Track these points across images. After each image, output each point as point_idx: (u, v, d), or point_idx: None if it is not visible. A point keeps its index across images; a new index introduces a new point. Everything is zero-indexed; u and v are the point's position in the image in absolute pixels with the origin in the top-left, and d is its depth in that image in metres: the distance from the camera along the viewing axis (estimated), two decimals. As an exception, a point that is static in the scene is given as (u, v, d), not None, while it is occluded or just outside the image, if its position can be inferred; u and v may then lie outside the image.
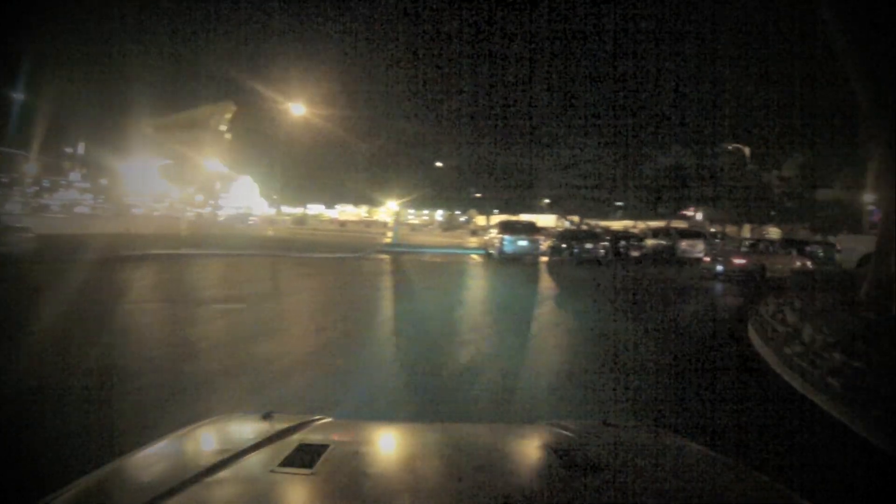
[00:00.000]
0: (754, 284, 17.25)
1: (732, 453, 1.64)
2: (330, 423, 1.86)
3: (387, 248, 31.03)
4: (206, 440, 1.75)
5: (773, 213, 42.39)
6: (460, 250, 33.32)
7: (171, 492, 1.18)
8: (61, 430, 4.46)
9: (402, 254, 29.15)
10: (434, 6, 50.25)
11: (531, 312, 11.51)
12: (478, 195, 54.78)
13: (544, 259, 27.24)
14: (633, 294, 15.61)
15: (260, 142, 51.14)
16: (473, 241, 39.19)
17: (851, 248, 17.43)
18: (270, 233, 42.04)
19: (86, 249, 19.71)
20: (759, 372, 7.34)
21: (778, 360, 7.58)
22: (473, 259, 28.00)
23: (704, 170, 45.00)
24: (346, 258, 24.85)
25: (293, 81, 41.15)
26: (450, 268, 23.30)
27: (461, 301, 13.01)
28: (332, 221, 69.38)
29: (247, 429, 1.82)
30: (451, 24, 48.89)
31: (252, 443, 1.51)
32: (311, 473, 1.29)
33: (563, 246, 27.57)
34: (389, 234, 38.77)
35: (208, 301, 11.73)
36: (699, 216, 49.00)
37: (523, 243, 24.89)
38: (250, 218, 58.74)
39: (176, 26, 49.13)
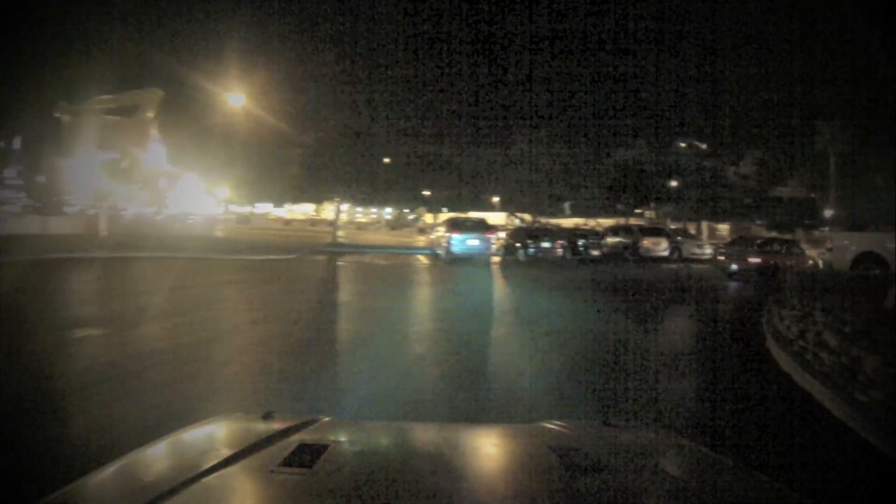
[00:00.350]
0: (768, 284, 16.48)
1: None
2: (330, 423, 1.81)
3: (326, 249, 28.90)
4: (206, 440, 1.72)
5: (732, 209, 41.33)
6: (406, 250, 31.31)
7: (171, 492, 1.15)
8: None
9: (341, 254, 27.16)
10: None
11: (490, 339, 8.63)
12: (426, 192, 52.36)
13: (497, 259, 24.99)
14: (619, 304, 13.09)
15: (195, 135, 47.55)
16: (421, 241, 37.04)
17: (845, 246, 15.54)
18: (208, 233, 38.94)
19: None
20: (865, 452, 4.74)
21: (853, 414, 5.17)
22: (419, 260, 25.57)
23: (663, 165, 43.54)
24: (278, 260, 22.41)
25: (229, 70, 38.04)
26: (390, 271, 20.81)
27: (396, 322, 9.88)
28: (278, 220, 67.44)
29: (247, 429, 1.77)
30: (396, 14, 46.17)
31: (252, 443, 1.47)
32: (311, 473, 1.27)
33: (518, 245, 25.36)
34: (339, 233, 37.31)
35: (66, 324, 8.67)
36: (648, 213, 47.67)
37: (473, 243, 22.47)
38: (190, 217, 54.81)
39: (109, 11, 44.95)
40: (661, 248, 27.48)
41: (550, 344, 8.32)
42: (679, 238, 29.72)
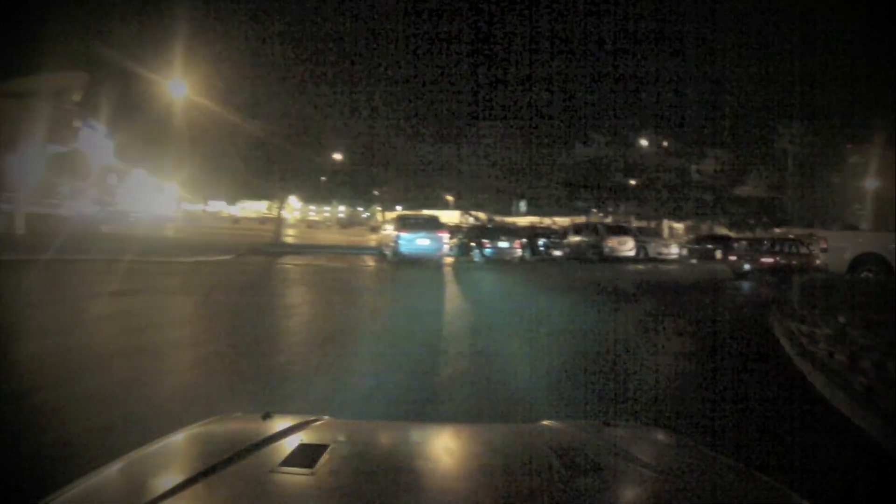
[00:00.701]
0: (781, 285, 15.67)
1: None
2: (330, 423, 1.80)
3: (267, 249, 26.96)
4: (206, 440, 1.68)
5: (694, 208, 40.58)
6: (353, 250, 29.26)
7: (171, 492, 1.14)
8: None
9: (281, 255, 24.93)
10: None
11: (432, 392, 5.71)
12: (379, 190, 50.46)
13: (450, 260, 22.92)
14: (616, 318, 10.65)
15: (141, 127, 44.18)
16: (373, 239, 35.01)
17: (841, 247, 14.08)
18: (148, 232, 36.28)
19: None
20: None
21: None
22: (364, 262, 23.31)
23: (623, 162, 42.32)
24: (209, 262, 20.02)
25: (174, 57, 35.07)
26: (327, 275, 18.54)
27: (306, 353, 7.14)
28: (229, 218, 64.91)
29: (247, 429, 1.74)
30: (349, 3, 43.78)
31: (252, 443, 1.46)
32: (311, 473, 1.26)
33: (473, 244, 23.28)
34: (287, 231, 34.28)
35: None
36: (600, 214, 46.53)
37: (423, 242, 20.47)
38: (132, 215, 51.86)
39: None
40: (627, 247, 25.72)
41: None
42: (644, 237, 28.08)
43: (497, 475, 1.39)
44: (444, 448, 1.64)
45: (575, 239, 27.29)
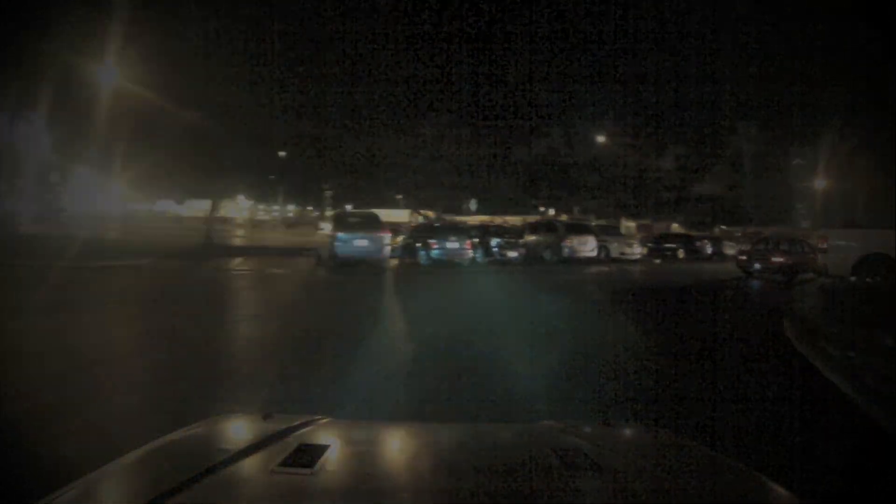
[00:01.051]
0: (789, 285, 16.12)
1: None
2: (330, 423, 1.79)
3: (195, 251, 25.08)
4: (206, 440, 1.68)
5: (653, 206, 39.84)
6: (291, 252, 27.01)
7: (172, 492, 1.14)
8: None
9: (207, 257, 23.20)
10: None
11: None
12: (325, 187, 48.45)
13: (394, 263, 21.18)
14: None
15: (61, 117, 41.05)
16: (317, 240, 32.90)
17: (844, 246, 12.95)
18: (71, 232, 33.96)
19: None
20: None
21: None
22: (297, 266, 21.33)
23: (579, 158, 41.15)
24: (117, 267, 18.06)
25: (106, 43, 32.23)
26: (245, 283, 16.81)
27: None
28: (173, 218, 62.61)
29: (247, 429, 1.77)
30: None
31: (252, 443, 1.46)
32: (311, 473, 1.25)
33: (418, 245, 21.31)
34: (231, 231, 35.15)
35: None
36: (551, 211, 45.41)
37: (362, 243, 18.76)
38: (62, 214, 48.48)
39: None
40: (589, 247, 24.07)
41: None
42: (606, 236, 26.37)
43: (497, 475, 1.36)
44: (444, 448, 1.63)
45: (532, 238, 25.49)
